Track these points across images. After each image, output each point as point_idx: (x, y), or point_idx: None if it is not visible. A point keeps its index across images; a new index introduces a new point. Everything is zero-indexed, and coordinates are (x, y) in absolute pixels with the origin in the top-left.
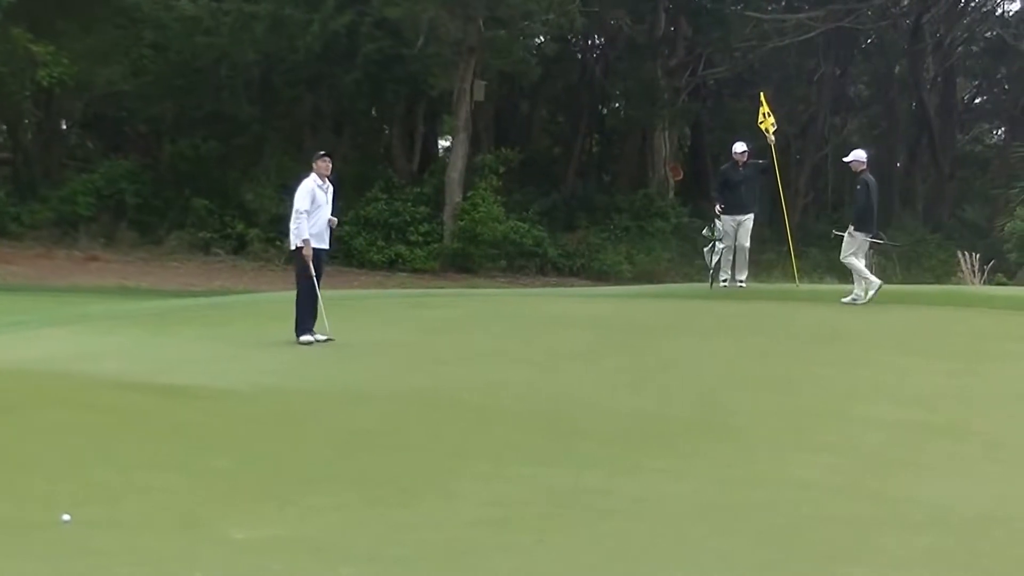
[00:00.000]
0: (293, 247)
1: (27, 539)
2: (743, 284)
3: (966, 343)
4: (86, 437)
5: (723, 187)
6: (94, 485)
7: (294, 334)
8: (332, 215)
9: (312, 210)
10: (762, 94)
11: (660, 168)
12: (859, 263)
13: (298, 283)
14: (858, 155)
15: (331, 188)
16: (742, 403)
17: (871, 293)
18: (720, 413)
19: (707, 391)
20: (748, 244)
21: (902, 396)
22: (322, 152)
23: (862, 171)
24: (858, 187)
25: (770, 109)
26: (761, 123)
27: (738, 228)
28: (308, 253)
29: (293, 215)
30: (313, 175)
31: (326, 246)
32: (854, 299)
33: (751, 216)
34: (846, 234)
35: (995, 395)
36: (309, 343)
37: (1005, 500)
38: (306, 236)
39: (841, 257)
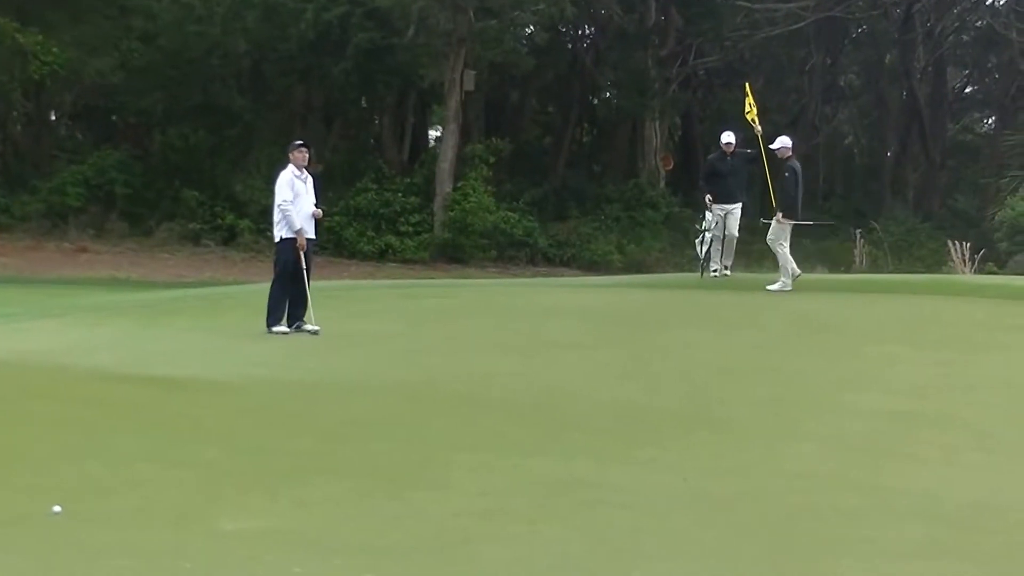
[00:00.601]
0: (277, 239)
1: (16, 532)
2: (727, 272)
3: (957, 333)
4: (76, 430)
5: (710, 177)
6: (84, 478)
7: (265, 324)
8: (316, 206)
9: (293, 201)
10: (747, 85)
11: (651, 158)
12: (785, 250)
13: (275, 273)
14: (783, 142)
15: (310, 178)
16: (732, 393)
17: (789, 282)
18: (710, 403)
19: (697, 381)
20: (737, 234)
21: (892, 386)
22: (298, 142)
23: (789, 158)
24: (786, 174)
25: (755, 99)
26: (747, 114)
27: (726, 217)
28: (302, 244)
29: (276, 208)
30: (291, 166)
31: (313, 236)
32: (782, 286)
33: (739, 206)
34: (774, 220)
35: (985, 384)
36: (284, 333)
37: (996, 489)
38: (298, 227)
39: (768, 240)
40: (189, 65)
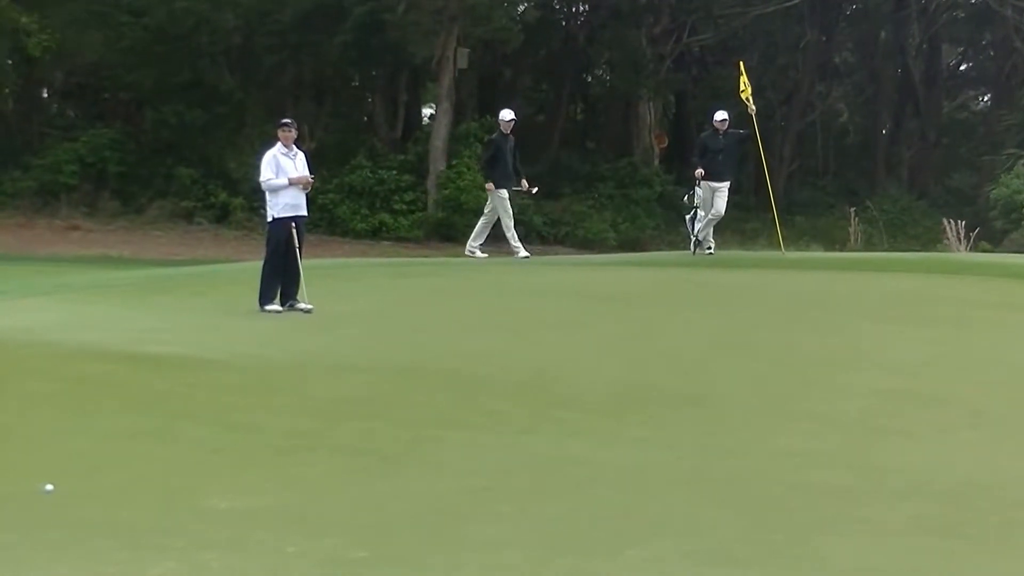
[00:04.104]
0: (270, 218)
1: (4, 510)
2: (711, 250)
3: (951, 311)
4: (64, 408)
5: (702, 154)
6: (72, 456)
7: (258, 303)
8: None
9: (279, 177)
10: (741, 64)
11: (644, 136)
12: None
13: (267, 252)
14: (508, 114)
15: (300, 155)
16: (725, 372)
17: (478, 250)
18: (703, 382)
19: (690, 360)
20: (723, 212)
21: (885, 364)
22: (284, 121)
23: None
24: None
25: (750, 78)
26: (741, 92)
27: (714, 194)
28: (307, 183)
29: (263, 187)
30: (278, 144)
31: (304, 213)
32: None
33: (727, 184)
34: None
35: (978, 362)
36: (277, 311)
37: (988, 467)
38: (286, 188)
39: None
40: (177, 41)
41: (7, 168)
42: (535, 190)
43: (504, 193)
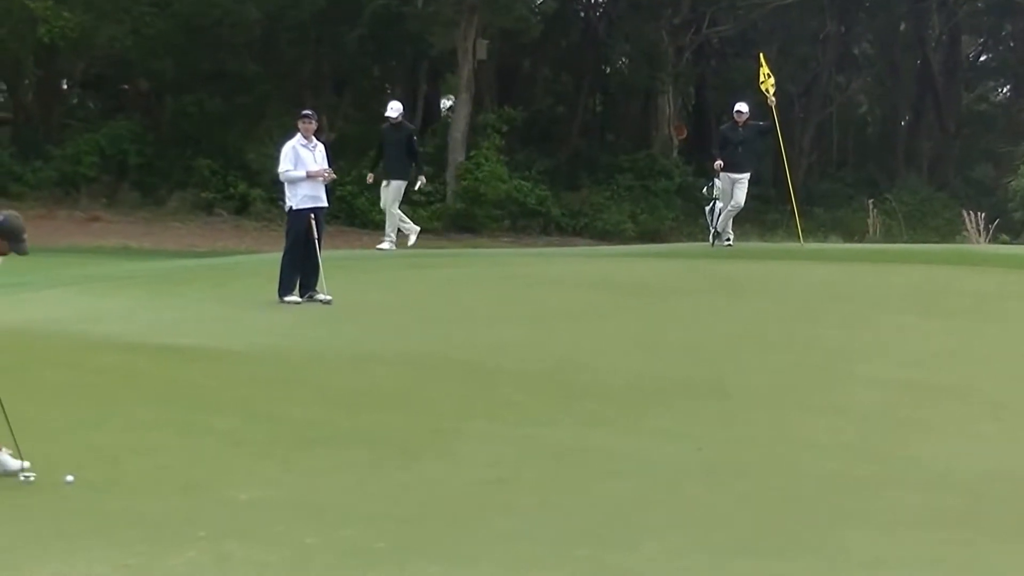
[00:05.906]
0: (288, 208)
1: (28, 500)
2: (731, 242)
3: (971, 303)
4: (86, 398)
5: (722, 146)
6: (94, 447)
7: (277, 294)
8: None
9: (296, 168)
10: (762, 55)
11: (664, 127)
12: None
13: (287, 243)
14: (393, 107)
15: (320, 146)
16: (744, 363)
17: (413, 238)
18: (722, 373)
19: (709, 351)
20: (743, 203)
21: (905, 356)
22: (305, 112)
23: (400, 123)
24: (416, 137)
25: (770, 69)
26: (762, 84)
27: (733, 186)
28: (326, 176)
29: (281, 178)
30: (298, 135)
31: (324, 204)
32: (391, 245)
33: (747, 176)
34: (396, 184)
35: (998, 354)
36: (296, 302)
37: (1008, 459)
38: (302, 173)
39: (390, 206)
40: (200, 32)
41: (28, 159)
42: (424, 185)
43: (388, 184)
